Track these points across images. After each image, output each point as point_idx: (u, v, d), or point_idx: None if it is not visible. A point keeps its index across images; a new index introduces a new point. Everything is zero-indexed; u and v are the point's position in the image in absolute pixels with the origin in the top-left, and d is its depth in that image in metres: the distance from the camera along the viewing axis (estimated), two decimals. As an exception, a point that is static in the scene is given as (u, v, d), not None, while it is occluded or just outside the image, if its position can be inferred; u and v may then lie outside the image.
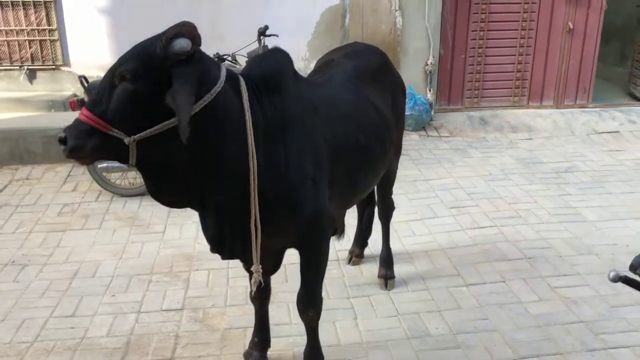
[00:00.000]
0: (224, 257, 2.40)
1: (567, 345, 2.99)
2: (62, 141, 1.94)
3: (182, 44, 1.88)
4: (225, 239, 2.25)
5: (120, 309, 3.34)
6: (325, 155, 2.36)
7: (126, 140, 1.96)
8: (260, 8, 6.16)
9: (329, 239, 2.58)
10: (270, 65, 2.28)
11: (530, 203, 4.71)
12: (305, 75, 2.87)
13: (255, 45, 5.00)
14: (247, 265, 2.44)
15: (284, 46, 2.51)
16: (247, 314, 3.23)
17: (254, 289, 2.45)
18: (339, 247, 3.77)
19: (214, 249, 2.32)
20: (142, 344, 3.03)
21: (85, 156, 2.02)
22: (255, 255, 2.25)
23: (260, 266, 2.31)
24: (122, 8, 6.18)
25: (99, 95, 1.97)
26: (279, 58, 2.33)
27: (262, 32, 4.98)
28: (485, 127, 6.61)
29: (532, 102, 6.96)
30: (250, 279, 2.49)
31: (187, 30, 1.91)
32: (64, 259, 3.90)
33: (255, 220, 2.18)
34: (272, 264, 2.54)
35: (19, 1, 6.14)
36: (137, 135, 1.96)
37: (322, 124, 2.39)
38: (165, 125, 1.95)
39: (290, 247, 2.50)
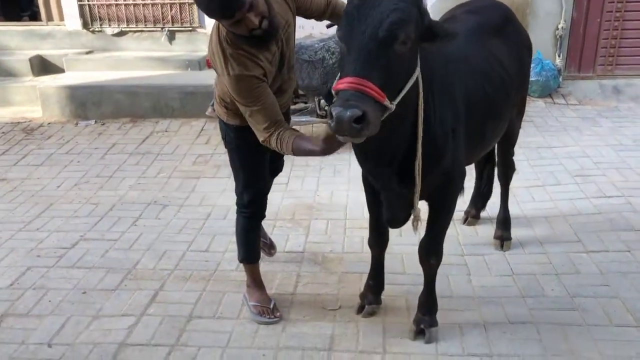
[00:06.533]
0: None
1: (696, 318, 2.86)
2: (361, 119, 1.77)
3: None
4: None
5: (247, 248, 3.64)
6: (462, 107, 2.43)
7: (392, 106, 1.93)
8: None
9: (459, 191, 2.64)
10: None
11: (664, 175, 4.43)
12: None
13: None
14: (393, 219, 2.63)
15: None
16: (363, 261, 3.41)
17: (416, 231, 2.53)
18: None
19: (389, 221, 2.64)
20: (267, 279, 3.29)
21: (371, 132, 1.86)
22: (416, 199, 2.38)
23: (418, 209, 2.43)
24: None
25: (363, 63, 1.86)
26: None
27: None
28: (618, 96, 6.22)
29: (674, 71, 6.42)
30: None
31: None
32: (198, 202, 4.29)
33: (419, 166, 2.28)
34: (403, 216, 2.63)
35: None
36: (396, 99, 1.96)
37: (456, 78, 2.45)
38: (410, 83, 2.02)
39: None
